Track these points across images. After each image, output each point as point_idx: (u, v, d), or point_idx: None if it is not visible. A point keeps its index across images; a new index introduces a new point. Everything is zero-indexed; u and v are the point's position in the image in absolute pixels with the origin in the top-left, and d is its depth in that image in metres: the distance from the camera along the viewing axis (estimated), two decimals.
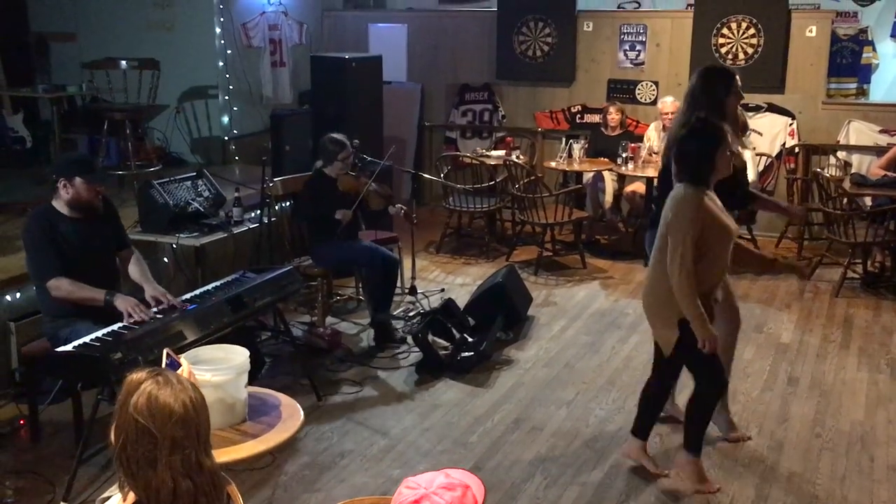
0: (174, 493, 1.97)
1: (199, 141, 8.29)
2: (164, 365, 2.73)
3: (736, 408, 4.55)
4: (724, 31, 7.90)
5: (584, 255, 7.27)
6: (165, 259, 5.61)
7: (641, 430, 4.03)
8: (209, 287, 4.36)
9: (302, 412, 3.06)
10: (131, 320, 3.85)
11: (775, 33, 7.74)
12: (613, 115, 7.80)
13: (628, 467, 4.05)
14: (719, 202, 3.69)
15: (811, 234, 7.72)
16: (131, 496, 2.04)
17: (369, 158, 6.15)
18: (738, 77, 4.25)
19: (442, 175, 7.82)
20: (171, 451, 1.97)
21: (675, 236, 3.57)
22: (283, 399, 3.13)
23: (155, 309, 4.00)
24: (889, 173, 6.68)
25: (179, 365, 2.65)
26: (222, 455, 2.70)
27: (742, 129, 6.60)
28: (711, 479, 3.89)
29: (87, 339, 3.64)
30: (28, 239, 4.09)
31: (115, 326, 3.77)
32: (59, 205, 4.12)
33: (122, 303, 3.94)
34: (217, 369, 2.87)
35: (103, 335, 3.68)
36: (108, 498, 2.19)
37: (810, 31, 7.71)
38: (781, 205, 5.08)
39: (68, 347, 3.59)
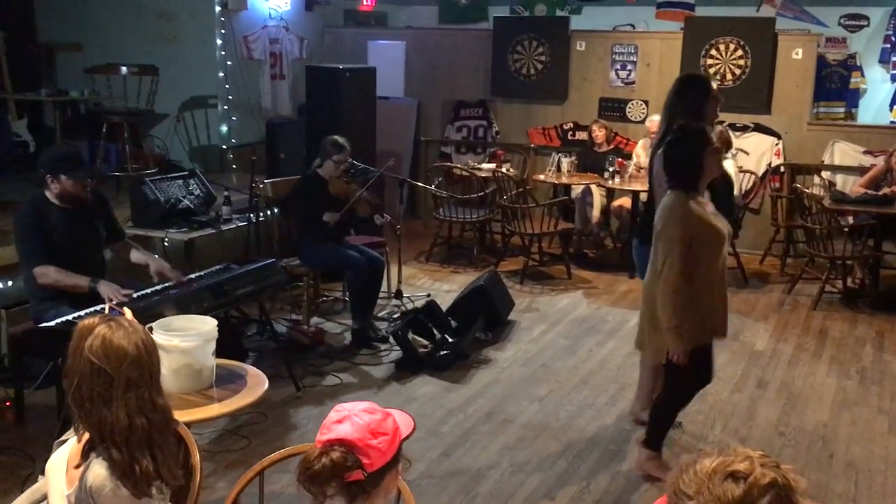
0: (129, 429, 2.09)
1: (198, 149, 8.48)
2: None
3: (703, 406, 4.67)
4: (713, 52, 8.08)
5: (570, 266, 7.40)
6: (156, 254, 5.74)
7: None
8: (192, 276, 4.50)
9: (267, 381, 3.19)
10: (113, 304, 3.99)
11: (762, 55, 7.91)
12: (597, 133, 8.00)
13: (592, 458, 4.15)
14: (711, 206, 3.72)
15: (795, 251, 7.83)
16: (86, 435, 2.17)
17: (362, 165, 6.31)
18: (713, 83, 4.33)
19: (433, 185, 7.98)
20: (126, 389, 2.10)
21: (665, 244, 3.60)
22: (250, 370, 3.26)
23: (159, 286, 4.20)
24: (869, 191, 6.82)
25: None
26: (187, 415, 2.83)
27: (726, 146, 6.76)
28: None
29: (69, 316, 3.78)
30: (18, 225, 4.26)
31: (97, 307, 3.91)
32: (51, 195, 4.27)
33: (106, 288, 4.09)
34: (186, 336, 3.01)
35: (86, 314, 3.81)
36: (65, 441, 2.31)
37: (796, 53, 7.88)
38: None
39: (51, 324, 3.73)
